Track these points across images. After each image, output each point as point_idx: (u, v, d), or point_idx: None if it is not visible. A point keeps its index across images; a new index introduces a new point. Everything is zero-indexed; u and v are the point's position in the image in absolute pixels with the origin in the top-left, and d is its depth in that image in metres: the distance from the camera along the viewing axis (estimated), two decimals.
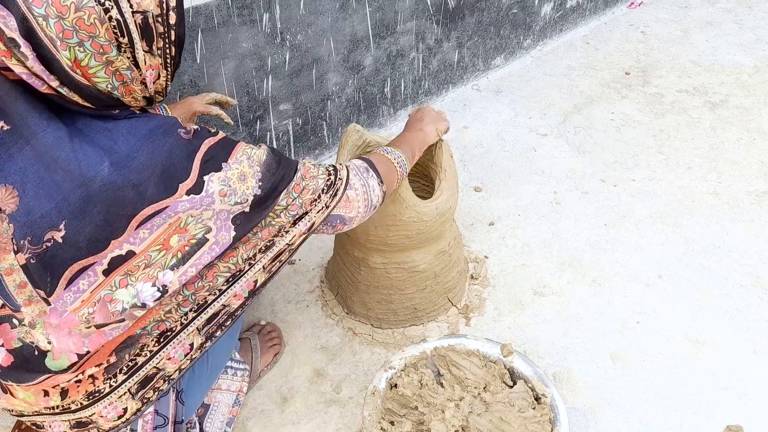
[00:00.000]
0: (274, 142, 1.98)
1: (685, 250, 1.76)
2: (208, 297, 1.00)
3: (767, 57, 2.69)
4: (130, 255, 0.86)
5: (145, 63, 0.84)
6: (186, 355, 1.03)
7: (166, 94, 0.95)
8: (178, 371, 1.04)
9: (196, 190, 0.87)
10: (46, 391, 0.94)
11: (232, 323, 1.06)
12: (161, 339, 0.99)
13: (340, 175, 1.05)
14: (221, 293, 1.01)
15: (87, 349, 0.90)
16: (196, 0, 1.55)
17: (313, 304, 1.66)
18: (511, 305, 1.62)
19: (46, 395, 0.95)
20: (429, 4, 2.16)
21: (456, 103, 2.47)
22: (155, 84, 0.89)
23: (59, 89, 0.80)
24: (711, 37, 2.87)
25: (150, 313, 0.95)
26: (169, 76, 0.90)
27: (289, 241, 1.02)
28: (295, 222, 1.01)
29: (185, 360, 1.04)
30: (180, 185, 0.86)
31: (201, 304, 1.00)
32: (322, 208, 1.02)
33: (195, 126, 0.92)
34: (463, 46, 2.41)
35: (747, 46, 2.78)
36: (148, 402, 1.02)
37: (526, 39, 2.71)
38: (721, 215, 1.87)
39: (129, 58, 0.82)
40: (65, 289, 0.84)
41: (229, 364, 1.32)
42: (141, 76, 0.85)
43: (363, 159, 1.12)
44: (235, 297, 1.03)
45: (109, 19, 0.77)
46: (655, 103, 2.41)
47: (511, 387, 1.28)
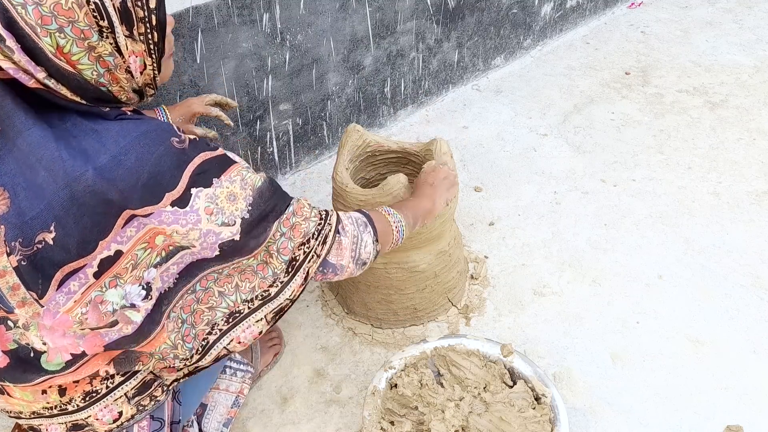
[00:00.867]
0: (274, 142, 1.98)
1: (685, 250, 1.76)
2: (209, 337, 0.99)
3: (767, 57, 2.69)
4: (118, 255, 0.85)
5: (127, 48, 0.83)
6: (179, 370, 1.04)
7: (156, 87, 0.94)
8: (176, 382, 1.04)
9: (181, 203, 0.86)
10: (44, 389, 0.95)
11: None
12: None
13: (329, 221, 1.02)
14: (223, 334, 1.00)
15: (83, 349, 0.90)
16: (196, 0, 1.55)
17: (313, 304, 1.66)
18: (511, 305, 1.62)
19: (44, 393, 0.95)
20: (429, 4, 2.16)
21: (456, 103, 2.47)
22: (143, 75, 0.88)
23: (46, 81, 0.79)
24: (711, 37, 2.87)
25: (157, 341, 0.94)
26: (155, 66, 0.89)
27: (289, 295, 1.01)
28: (289, 271, 0.99)
29: (180, 373, 1.04)
30: (166, 194, 0.85)
31: (204, 346, 0.99)
32: (313, 256, 1.00)
33: (192, 136, 0.91)
34: (463, 46, 2.41)
35: (747, 46, 2.78)
36: (143, 410, 1.02)
37: (526, 39, 2.71)
38: (721, 215, 1.87)
39: (111, 44, 0.82)
40: (57, 290, 0.84)
41: (228, 364, 1.32)
42: (125, 62, 0.84)
43: (363, 213, 1.10)
44: (240, 344, 1.01)
45: (88, 2, 0.77)
46: (655, 103, 2.41)
47: (511, 387, 1.28)
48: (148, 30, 0.85)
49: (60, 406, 0.96)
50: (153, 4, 0.84)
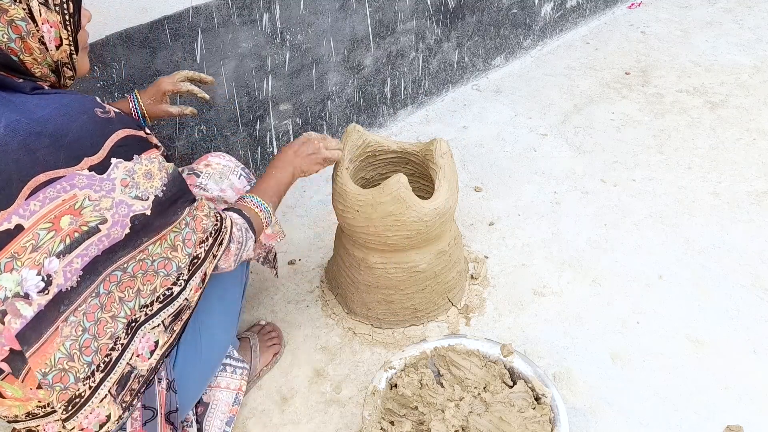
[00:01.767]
0: (274, 142, 1.98)
1: (685, 250, 1.76)
2: (112, 353, 0.96)
3: (767, 57, 2.69)
4: (19, 230, 0.82)
5: (40, 15, 0.84)
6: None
7: (74, 69, 0.94)
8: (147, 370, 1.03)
9: (100, 169, 0.87)
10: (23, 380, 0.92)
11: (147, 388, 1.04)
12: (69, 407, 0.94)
13: (225, 224, 1.07)
14: (124, 349, 0.97)
15: (9, 347, 0.87)
16: (196, 0, 1.55)
17: (313, 304, 1.66)
18: (511, 305, 1.62)
19: (32, 388, 0.92)
20: (429, 4, 2.16)
21: (456, 103, 2.47)
22: (59, 50, 0.88)
23: None
24: (711, 37, 2.87)
25: (50, 347, 0.88)
26: (71, 42, 0.89)
27: (188, 295, 1.03)
28: (190, 268, 1.01)
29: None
30: (85, 159, 0.86)
31: (107, 363, 0.96)
32: (210, 256, 1.04)
33: (117, 110, 0.92)
34: (463, 46, 2.41)
35: (747, 46, 2.78)
36: (129, 407, 1.01)
37: (526, 39, 2.71)
38: (721, 215, 1.87)
39: (24, 9, 0.82)
40: None
41: (228, 362, 1.32)
42: (39, 31, 0.85)
43: (243, 217, 1.13)
44: (139, 357, 1.00)
45: None
46: (655, 103, 2.41)
47: (511, 387, 1.28)
48: (64, 1, 0.86)
49: (51, 404, 0.95)
50: None
